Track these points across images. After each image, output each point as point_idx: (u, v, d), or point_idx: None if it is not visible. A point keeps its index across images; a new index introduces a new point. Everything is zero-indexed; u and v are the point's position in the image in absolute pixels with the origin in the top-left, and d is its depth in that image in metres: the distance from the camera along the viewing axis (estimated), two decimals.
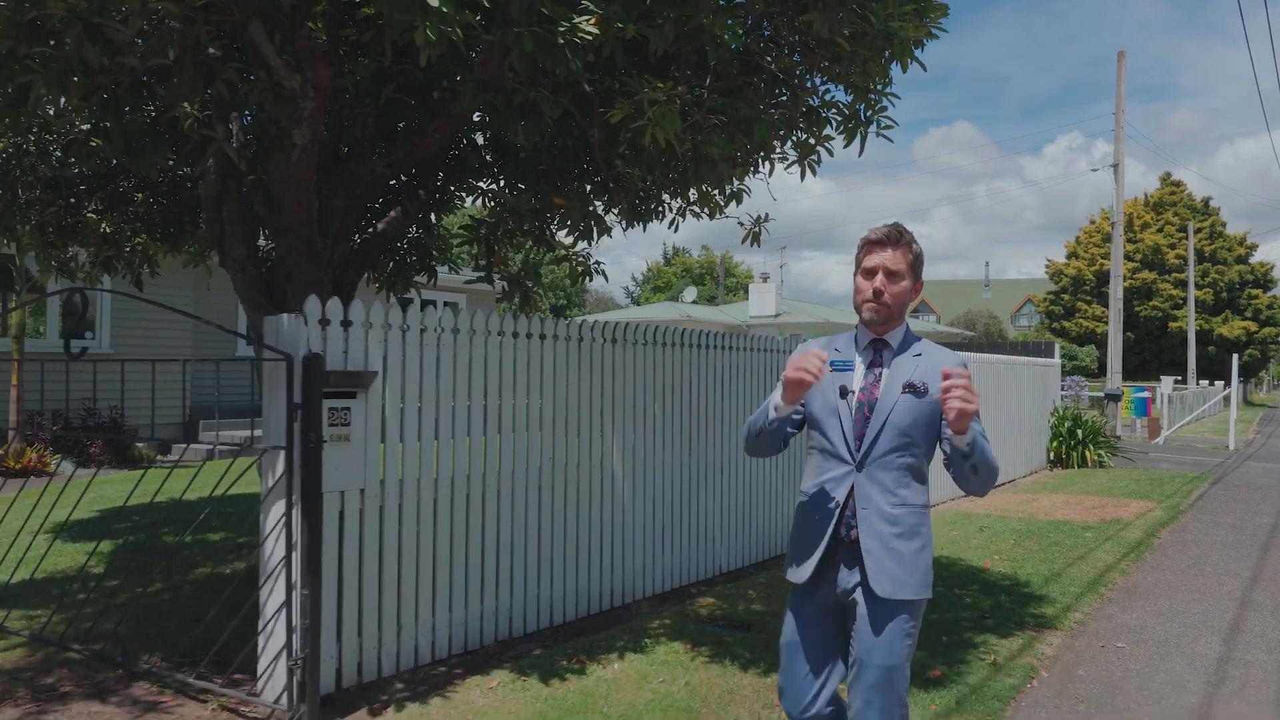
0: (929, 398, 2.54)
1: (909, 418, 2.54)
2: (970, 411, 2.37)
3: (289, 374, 3.59)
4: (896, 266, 2.60)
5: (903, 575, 2.51)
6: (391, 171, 5.31)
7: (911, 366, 2.59)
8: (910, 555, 2.52)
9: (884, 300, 2.60)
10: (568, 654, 4.39)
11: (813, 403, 2.66)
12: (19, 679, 4.06)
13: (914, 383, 2.56)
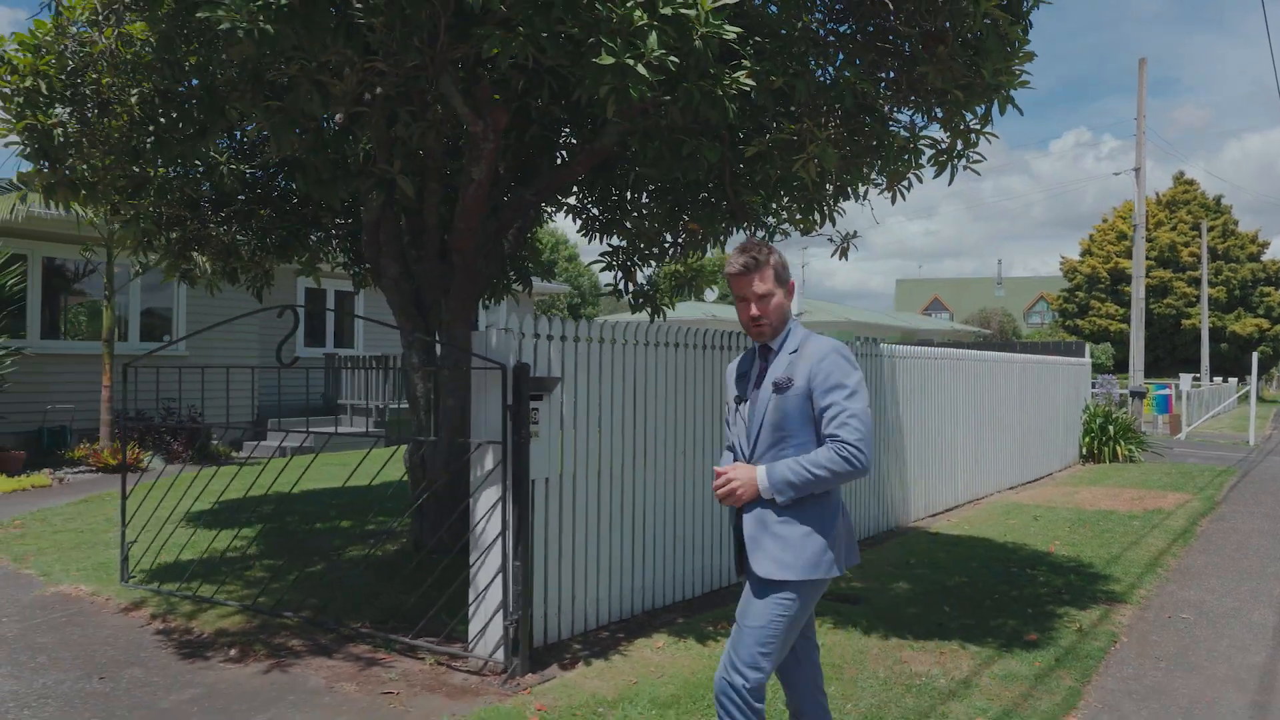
0: (793, 391, 2.75)
1: (778, 415, 2.77)
2: (738, 500, 2.76)
3: (503, 380, 4.26)
4: (763, 289, 2.82)
5: (786, 558, 2.70)
6: (537, 199, 5.98)
7: (784, 365, 2.82)
8: (796, 539, 2.71)
9: (763, 322, 2.84)
10: (710, 621, 5.06)
11: (728, 413, 3.03)
12: (254, 640, 4.75)
13: (778, 380, 2.80)
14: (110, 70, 5.44)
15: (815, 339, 2.84)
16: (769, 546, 2.73)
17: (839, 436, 2.67)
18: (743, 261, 2.84)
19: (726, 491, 2.78)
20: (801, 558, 2.70)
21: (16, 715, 3.83)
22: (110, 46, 5.37)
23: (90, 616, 5.21)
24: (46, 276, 12.89)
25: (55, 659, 4.50)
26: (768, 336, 2.87)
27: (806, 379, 2.74)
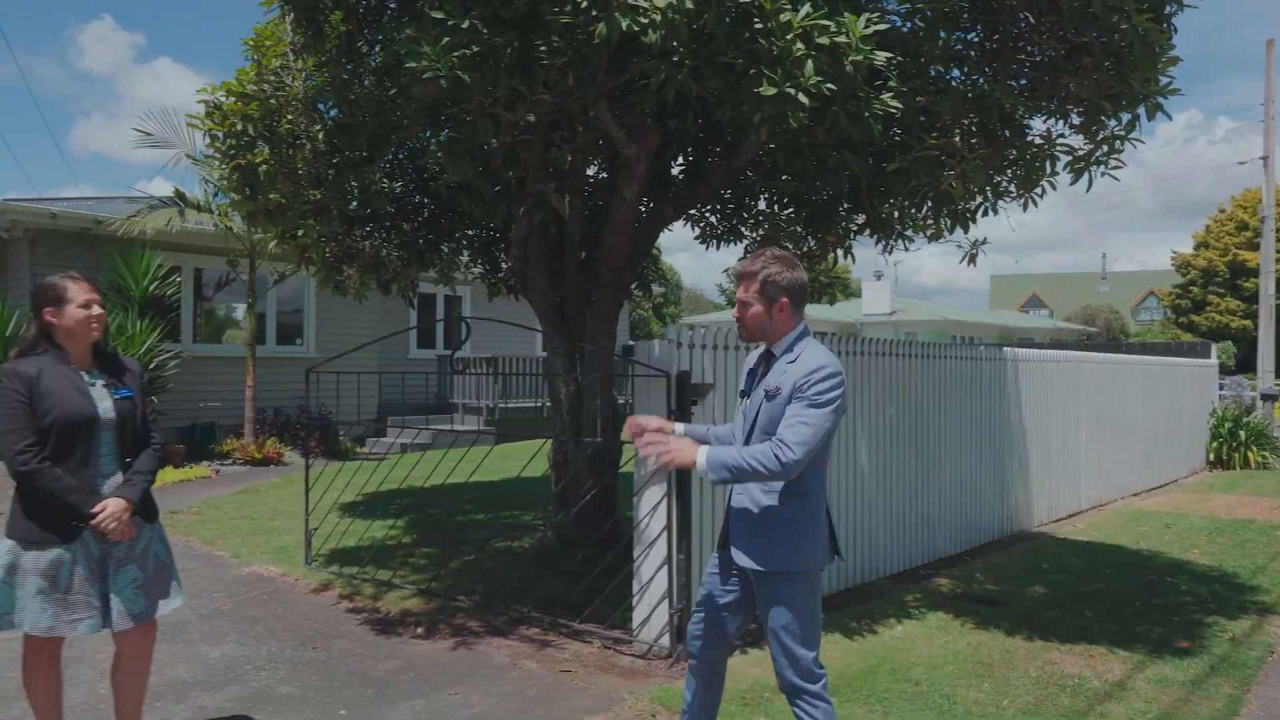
0: (778, 400, 2.93)
1: (766, 419, 2.96)
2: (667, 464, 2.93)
3: (667, 387, 4.62)
4: (745, 297, 3.07)
5: (759, 550, 2.93)
6: (676, 214, 6.33)
7: (779, 373, 2.98)
8: (772, 532, 2.93)
9: (743, 324, 3.12)
10: (851, 618, 5.32)
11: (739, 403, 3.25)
12: (435, 619, 5.23)
13: (768, 389, 2.98)
14: (301, 110, 6.03)
15: (809, 356, 2.98)
16: (745, 541, 2.98)
17: (781, 436, 2.84)
18: (736, 271, 3.17)
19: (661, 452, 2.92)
20: (774, 548, 2.94)
21: (254, 676, 4.37)
22: (301, 90, 5.96)
23: (286, 594, 5.79)
24: (197, 286, 13.93)
25: (270, 630, 5.06)
26: (746, 340, 3.19)
27: (791, 390, 2.92)
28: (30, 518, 3.03)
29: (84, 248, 12.44)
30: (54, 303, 3.16)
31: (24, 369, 3.05)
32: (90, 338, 3.20)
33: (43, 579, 3.01)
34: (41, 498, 3.01)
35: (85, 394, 3.12)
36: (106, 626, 3.12)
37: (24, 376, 3.03)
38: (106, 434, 3.15)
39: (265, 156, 6.11)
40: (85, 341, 3.20)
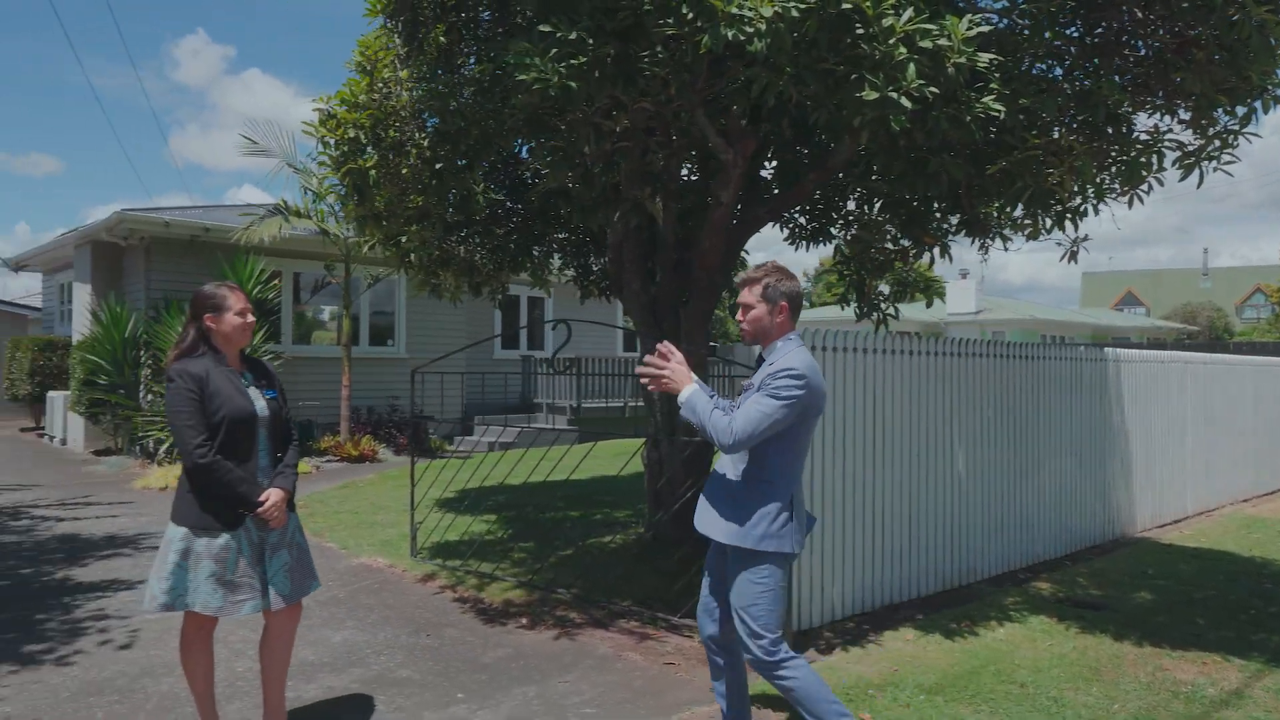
0: (750, 394, 3.28)
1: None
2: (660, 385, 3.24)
3: None
4: (747, 301, 3.41)
5: (721, 522, 3.27)
6: (769, 216, 6.39)
7: (761, 372, 3.31)
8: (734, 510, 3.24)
9: (743, 328, 3.45)
10: (951, 619, 5.31)
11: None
12: (538, 611, 5.41)
13: (749, 383, 3.37)
14: (406, 118, 6.29)
15: (786, 357, 3.26)
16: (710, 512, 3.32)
17: (733, 415, 3.16)
18: (742, 275, 3.49)
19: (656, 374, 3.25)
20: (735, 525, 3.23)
21: (374, 659, 4.61)
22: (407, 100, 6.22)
23: (395, 584, 6.05)
24: (295, 289, 14.53)
25: (384, 617, 5.31)
26: (750, 343, 3.48)
27: (759, 384, 3.25)
28: (201, 507, 3.29)
29: (194, 254, 13.10)
30: (214, 309, 3.42)
31: (194, 369, 3.32)
32: (244, 343, 3.46)
33: (214, 563, 3.26)
34: (214, 489, 3.27)
35: (245, 394, 3.38)
36: (267, 608, 3.36)
37: (195, 376, 3.30)
38: (262, 430, 3.40)
39: (374, 163, 6.40)
40: (238, 346, 3.46)
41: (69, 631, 5.02)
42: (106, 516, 8.45)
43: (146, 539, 7.45)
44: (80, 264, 14.34)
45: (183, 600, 3.28)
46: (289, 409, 3.64)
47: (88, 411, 13.09)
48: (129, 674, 4.38)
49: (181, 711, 3.93)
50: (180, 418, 3.27)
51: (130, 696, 4.10)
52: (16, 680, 4.28)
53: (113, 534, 7.65)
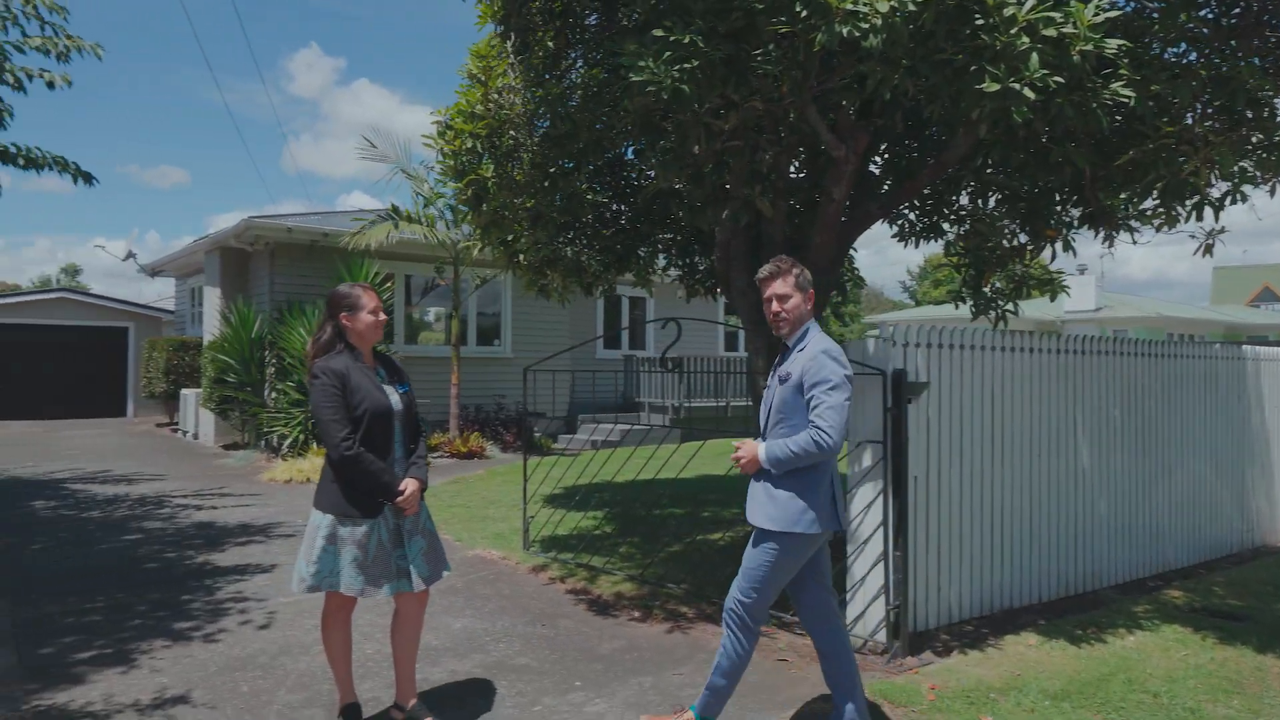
0: (790, 383, 3.40)
1: (779, 400, 3.45)
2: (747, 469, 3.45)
3: (883, 385, 4.65)
4: (783, 291, 3.50)
5: (773, 511, 3.37)
6: (882, 212, 6.31)
7: (789, 360, 3.45)
8: (783, 498, 3.36)
9: (782, 318, 3.51)
10: (1076, 625, 5.14)
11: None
12: (649, 605, 5.49)
13: (782, 374, 3.46)
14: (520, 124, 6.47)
15: (815, 342, 3.44)
16: (762, 503, 3.42)
17: (814, 423, 3.30)
18: (769, 269, 3.54)
19: (741, 460, 3.47)
20: (784, 512, 3.36)
21: (494, 646, 4.77)
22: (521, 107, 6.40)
23: (509, 575, 6.24)
24: (406, 291, 15.05)
25: (501, 607, 5.49)
26: (785, 332, 3.53)
27: (800, 373, 3.37)
28: (344, 496, 3.49)
29: (314, 258, 13.73)
30: (349, 309, 3.62)
31: (336, 366, 3.52)
32: (376, 340, 3.65)
33: (357, 548, 3.46)
34: (358, 479, 3.46)
35: (382, 389, 3.57)
36: (407, 589, 3.54)
37: (338, 373, 3.50)
38: (397, 424, 3.58)
39: (491, 171, 6.60)
40: (371, 343, 3.65)
41: (212, 611, 5.35)
42: (238, 507, 8.95)
43: (276, 528, 7.86)
44: (210, 269, 15.20)
45: (327, 581, 3.48)
46: (415, 403, 3.80)
47: (217, 408, 13.86)
48: (269, 652, 4.65)
49: (318, 689, 4.15)
50: (325, 412, 3.47)
51: (271, 673, 4.36)
52: (169, 654, 4.60)
53: (245, 523, 8.10)
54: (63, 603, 5.50)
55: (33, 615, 5.23)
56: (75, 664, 4.44)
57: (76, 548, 7.01)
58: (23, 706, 3.90)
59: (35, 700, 3.98)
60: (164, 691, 4.10)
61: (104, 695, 4.04)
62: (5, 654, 4.58)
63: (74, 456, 13.09)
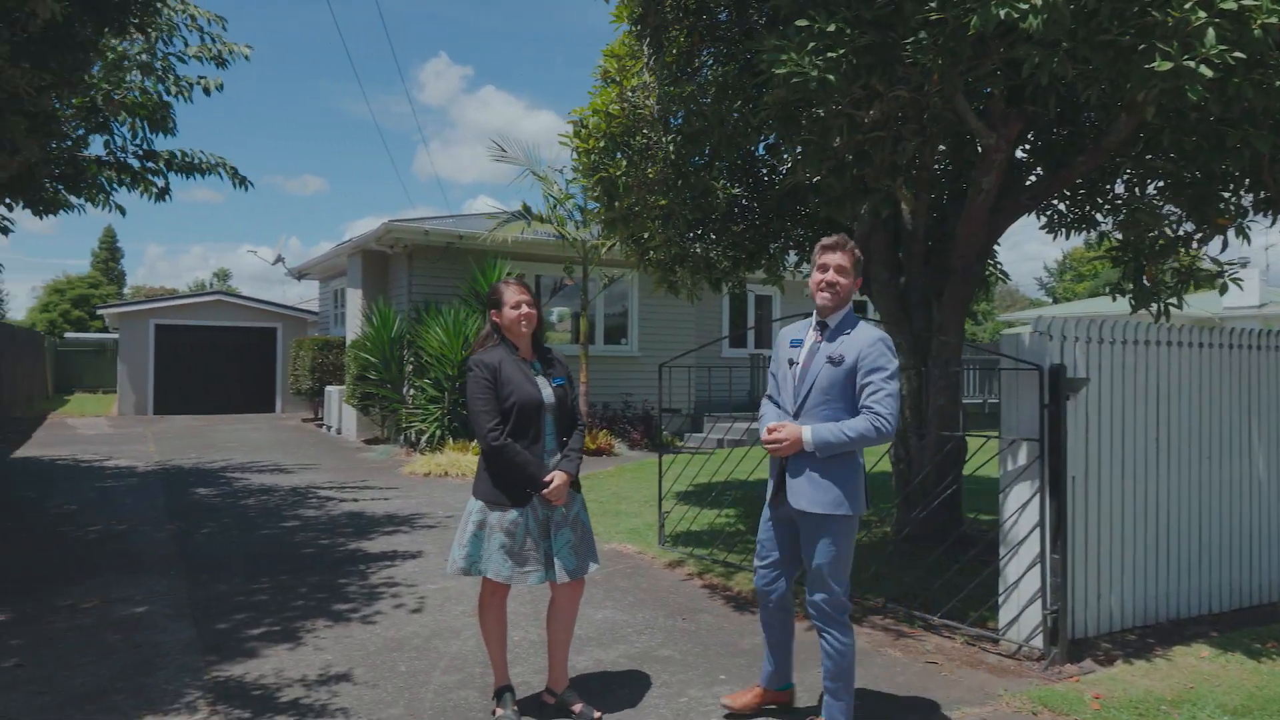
0: (843, 366, 3.37)
1: (827, 381, 3.38)
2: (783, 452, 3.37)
3: (1040, 381, 4.46)
4: (844, 264, 3.46)
5: (831, 496, 3.32)
6: (1033, 203, 6.06)
7: (838, 343, 3.41)
8: (839, 481, 3.34)
9: (836, 289, 3.45)
10: (1254, 639, 4.80)
11: (776, 370, 3.62)
12: None
13: (832, 355, 3.40)
14: (654, 122, 6.53)
15: (866, 327, 3.47)
16: (819, 489, 3.36)
17: (873, 409, 3.30)
18: (834, 240, 3.50)
19: (775, 444, 3.38)
20: (830, 496, 3.35)
21: (636, 638, 4.83)
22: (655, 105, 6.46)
23: (646, 570, 6.30)
24: (537, 290, 15.41)
25: (640, 600, 5.55)
26: (831, 307, 3.47)
27: (855, 358, 3.36)
28: (494, 484, 3.61)
29: (449, 260, 14.23)
30: (495, 305, 3.75)
31: (488, 359, 3.65)
32: (522, 332, 3.74)
33: (504, 535, 3.57)
34: (505, 469, 3.57)
35: (534, 382, 3.66)
36: (548, 580, 3.63)
37: (489, 366, 3.63)
38: (549, 416, 3.67)
39: (623, 168, 6.69)
40: (520, 336, 3.75)
41: (367, 595, 5.62)
42: (382, 498, 9.37)
43: (419, 519, 8.19)
44: (352, 271, 15.97)
45: (477, 566, 3.60)
46: (575, 395, 3.87)
47: (359, 404, 14.54)
48: (422, 635, 4.85)
49: (471, 671, 4.30)
50: (476, 403, 3.61)
51: (426, 654, 4.54)
52: (331, 634, 4.86)
53: (390, 513, 8.47)
54: (231, 583, 5.88)
55: (206, 594, 5.62)
56: (247, 639, 4.75)
57: (240, 533, 7.49)
58: (204, 677, 4.19)
59: (215, 671, 4.27)
60: (328, 669, 4.33)
61: (275, 670, 4.30)
62: (185, 628, 4.93)
63: (231, 449, 13.99)
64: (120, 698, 3.92)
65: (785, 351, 3.61)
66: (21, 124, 5.05)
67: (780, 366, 3.63)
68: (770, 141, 7.98)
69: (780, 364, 3.63)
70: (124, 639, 4.71)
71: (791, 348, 3.59)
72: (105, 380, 29.60)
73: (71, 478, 10.55)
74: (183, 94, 8.68)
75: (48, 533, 7.34)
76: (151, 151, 9.17)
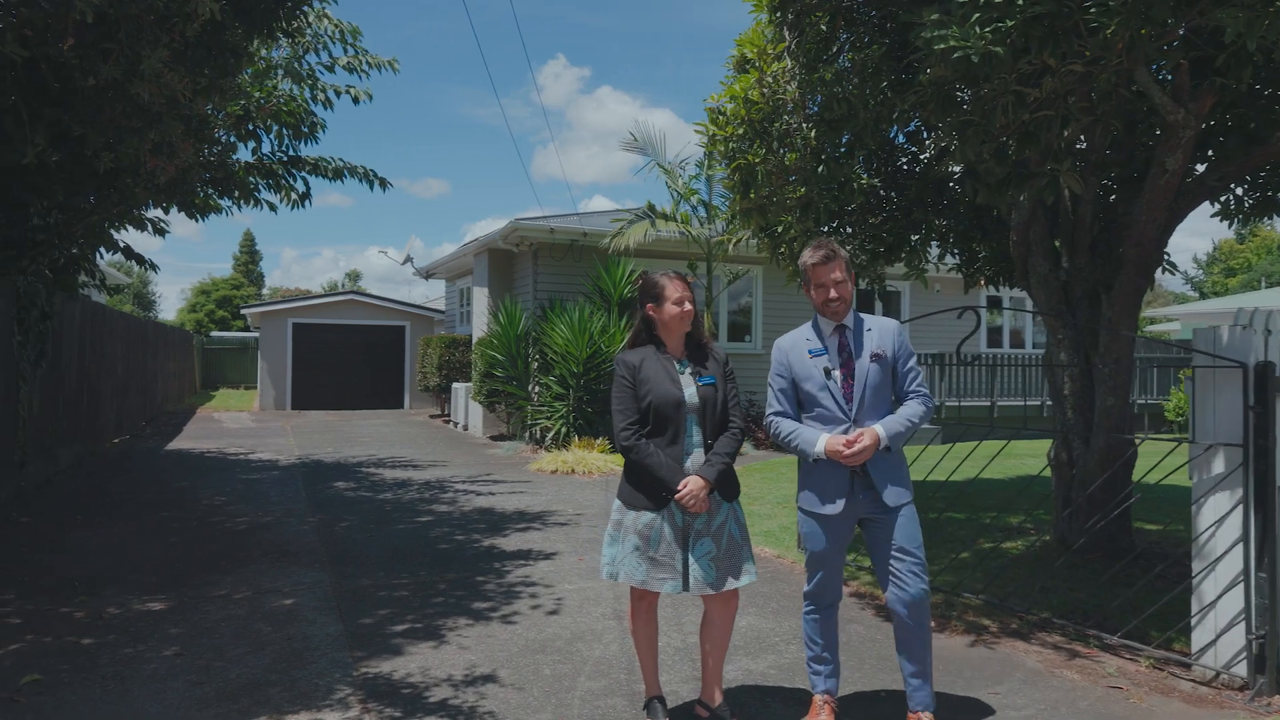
0: (887, 360, 3.50)
1: (878, 379, 3.48)
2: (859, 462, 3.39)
3: (1244, 379, 4.00)
4: (840, 276, 3.50)
5: (899, 488, 3.46)
6: (1222, 184, 5.51)
7: (873, 340, 3.52)
8: (904, 469, 3.51)
9: (839, 303, 3.50)
10: None
11: (804, 384, 3.55)
12: (944, 615, 5.11)
13: (876, 353, 3.50)
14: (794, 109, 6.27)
15: (880, 318, 3.60)
16: (893, 485, 3.45)
17: (922, 392, 3.53)
18: (823, 254, 3.51)
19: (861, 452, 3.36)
20: (908, 484, 3.51)
21: (784, 647, 4.61)
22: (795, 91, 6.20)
23: (785, 575, 6.06)
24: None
25: (783, 606, 5.32)
26: (842, 316, 3.53)
27: (893, 351, 3.51)
28: (632, 485, 3.48)
29: (573, 258, 14.27)
30: (654, 299, 3.58)
31: (630, 358, 3.53)
32: (681, 330, 3.57)
33: (639, 538, 3.43)
34: (637, 470, 3.45)
35: (675, 380, 3.49)
36: (686, 590, 3.45)
37: (630, 365, 3.52)
38: (691, 416, 3.48)
39: (762, 156, 6.46)
40: (677, 333, 3.58)
41: (505, 594, 5.58)
42: (512, 494, 9.42)
43: (550, 516, 8.17)
44: (479, 270, 16.24)
45: (610, 570, 3.48)
46: (735, 395, 3.66)
47: (485, 401, 14.76)
48: (563, 637, 4.76)
49: (616, 677, 4.17)
50: (614, 403, 3.52)
51: (570, 658, 4.44)
52: (473, 632, 4.82)
53: (520, 510, 8.49)
54: (374, 577, 5.96)
55: (350, 587, 5.70)
56: (392, 635, 4.76)
57: (378, 526, 7.63)
58: (354, 673, 4.20)
59: (364, 667, 4.27)
60: (473, 669, 4.27)
61: (421, 668, 4.28)
62: (333, 622, 4.99)
63: (364, 443, 14.43)
64: (274, 690, 3.96)
65: (809, 363, 3.56)
66: (178, 128, 5.23)
67: (808, 379, 3.55)
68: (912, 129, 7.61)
69: (807, 377, 3.56)
70: (275, 630, 4.80)
71: (815, 358, 3.55)
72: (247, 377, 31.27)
73: (219, 469, 11.06)
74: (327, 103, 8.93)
75: (201, 523, 7.66)
76: (296, 158, 9.50)
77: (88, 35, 4.36)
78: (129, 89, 4.63)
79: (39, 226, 6.85)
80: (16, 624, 4.83)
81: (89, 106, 4.90)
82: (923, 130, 7.52)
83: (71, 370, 10.52)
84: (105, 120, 4.96)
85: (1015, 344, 19.29)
